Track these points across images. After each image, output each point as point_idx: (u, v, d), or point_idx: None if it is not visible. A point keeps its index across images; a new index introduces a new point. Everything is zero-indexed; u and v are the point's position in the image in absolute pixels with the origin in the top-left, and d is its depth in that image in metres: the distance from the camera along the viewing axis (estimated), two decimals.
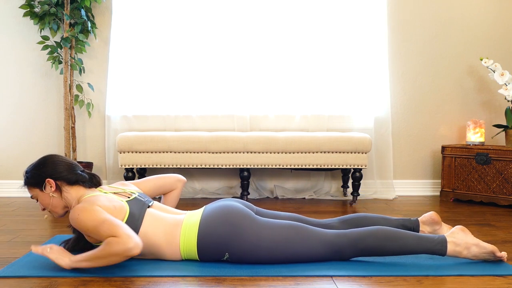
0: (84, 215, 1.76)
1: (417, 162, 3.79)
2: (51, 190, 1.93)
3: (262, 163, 3.23)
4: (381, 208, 3.19)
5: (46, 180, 1.92)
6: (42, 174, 1.94)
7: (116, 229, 1.69)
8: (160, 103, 3.62)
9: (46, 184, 1.93)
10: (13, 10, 3.59)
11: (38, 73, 3.64)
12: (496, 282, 1.71)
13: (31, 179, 1.95)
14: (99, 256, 1.71)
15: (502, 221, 2.79)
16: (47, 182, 1.92)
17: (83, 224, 1.75)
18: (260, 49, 3.62)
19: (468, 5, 3.74)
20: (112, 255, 1.69)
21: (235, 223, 1.84)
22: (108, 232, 1.70)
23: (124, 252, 1.67)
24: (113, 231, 1.69)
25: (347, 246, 1.85)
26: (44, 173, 1.94)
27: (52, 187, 1.93)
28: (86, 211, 1.77)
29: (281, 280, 1.72)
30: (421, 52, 3.74)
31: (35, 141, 3.67)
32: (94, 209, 1.77)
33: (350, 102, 3.67)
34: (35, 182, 1.94)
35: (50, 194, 1.93)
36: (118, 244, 1.66)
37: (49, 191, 1.93)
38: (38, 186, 1.94)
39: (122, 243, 1.66)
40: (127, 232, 1.69)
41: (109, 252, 1.68)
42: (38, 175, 1.94)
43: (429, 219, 2.12)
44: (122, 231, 1.69)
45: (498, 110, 3.77)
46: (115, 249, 1.67)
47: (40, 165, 1.96)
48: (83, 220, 1.75)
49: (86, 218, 1.75)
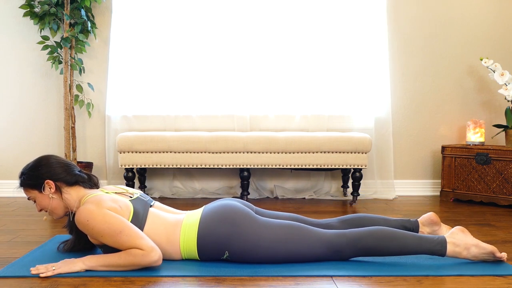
0: (96, 221, 1.74)
1: (417, 162, 3.79)
2: (51, 191, 1.90)
3: (262, 163, 3.23)
4: (381, 208, 3.19)
5: (45, 182, 1.89)
6: (40, 176, 1.90)
7: (138, 242, 1.73)
8: (160, 103, 3.62)
9: (45, 186, 1.89)
10: (13, 10, 3.59)
11: (38, 73, 3.64)
12: (496, 282, 1.71)
13: (28, 181, 1.91)
14: (121, 264, 1.74)
15: (502, 221, 2.79)
16: (46, 183, 1.89)
17: (96, 230, 1.75)
18: (260, 49, 3.62)
19: (468, 5, 3.74)
20: (135, 265, 1.74)
21: (235, 222, 1.84)
22: (129, 244, 1.73)
23: (149, 264, 1.74)
24: (135, 243, 1.73)
25: (347, 246, 1.85)
26: (42, 175, 1.90)
27: (51, 188, 1.90)
28: (97, 216, 1.75)
29: (281, 280, 1.72)
30: (421, 52, 3.74)
31: (35, 141, 3.67)
32: (105, 214, 1.76)
33: (350, 102, 3.67)
34: (33, 183, 1.90)
35: (50, 195, 1.90)
36: (143, 257, 1.72)
37: (48, 192, 1.90)
38: (37, 188, 1.90)
39: (147, 256, 1.72)
40: (150, 245, 1.73)
41: (133, 263, 1.73)
42: (36, 177, 1.90)
43: (428, 219, 2.12)
44: (145, 243, 1.73)
45: (498, 110, 3.77)
46: (140, 261, 1.73)
47: (37, 166, 1.91)
48: (95, 226, 1.74)
49: (98, 224, 1.74)
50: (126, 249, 1.74)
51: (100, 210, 1.77)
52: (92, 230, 1.76)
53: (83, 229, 1.79)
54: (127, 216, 1.83)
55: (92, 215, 1.75)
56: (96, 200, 1.82)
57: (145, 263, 1.73)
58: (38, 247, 2.12)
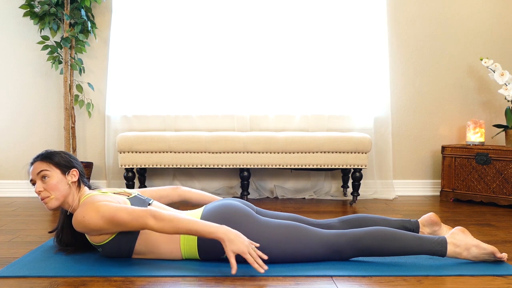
0: (89, 215, 1.77)
1: (417, 162, 3.79)
2: (72, 178, 1.93)
3: (262, 163, 3.23)
4: (381, 208, 3.19)
5: (73, 169, 1.94)
6: (72, 162, 1.96)
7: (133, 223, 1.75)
8: (160, 103, 3.62)
9: (72, 173, 1.94)
10: (13, 10, 3.59)
11: (38, 73, 3.64)
12: (496, 282, 1.71)
13: (60, 159, 1.93)
14: None
15: (502, 221, 2.79)
16: (73, 171, 1.94)
17: (93, 224, 1.77)
18: (260, 49, 3.62)
19: (468, 5, 3.74)
20: None
21: (235, 221, 1.84)
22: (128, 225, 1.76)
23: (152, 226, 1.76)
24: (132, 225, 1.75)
25: (347, 246, 1.85)
26: (74, 162, 1.97)
27: (75, 176, 1.94)
28: (90, 210, 1.78)
29: (281, 280, 1.72)
30: (421, 52, 3.74)
31: (35, 141, 3.67)
32: (97, 206, 1.78)
33: (350, 102, 3.67)
34: (63, 164, 1.93)
35: (69, 182, 1.92)
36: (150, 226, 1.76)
37: (69, 179, 1.92)
38: (63, 169, 1.92)
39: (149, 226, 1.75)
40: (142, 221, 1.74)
41: None
42: (69, 161, 1.95)
43: (428, 220, 2.12)
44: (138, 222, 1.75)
45: (498, 110, 3.77)
46: None
47: (69, 154, 1.99)
48: (90, 220, 1.76)
49: (92, 217, 1.76)
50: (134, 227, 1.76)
51: (92, 205, 1.80)
52: (89, 225, 1.77)
53: (82, 228, 1.80)
54: None
55: (86, 212, 1.78)
56: (89, 199, 1.85)
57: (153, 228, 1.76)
58: (38, 247, 2.12)
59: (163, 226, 1.72)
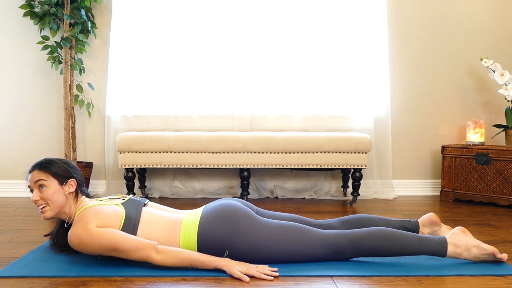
0: (87, 245, 1.76)
1: (417, 162, 3.79)
2: (69, 188, 1.91)
3: (262, 163, 3.23)
4: (381, 208, 3.19)
5: (71, 179, 1.92)
6: (70, 172, 1.93)
7: (135, 255, 1.76)
8: (160, 103, 3.62)
9: (70, 183, 1.92)
10: (13, 10, 3.59)
11: (38, 73, 3.64)
12: (496, 282, 1.71)
13: (58, 169, 1.91)
14: None
15: (502, 221, 2.79)
16: (71, 181, 1.92)
17: (90, 251, 1.78)
18: (260, 49, 3.62)
19: (468, 5, 3.74)
20: None
21: (235, 221, 1.84)
22: (128, 257, 1.77)
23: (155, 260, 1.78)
24: (132, 256, 1.77)
25: (347, 247, 1.85)
26: (72, 172, 1.94)
27: (72, 186, 1.92)
28: (86, 239, 1.76)
29: (281, 280, 1.72)
30: (421, 52, 3.74)
31: (35, 141, 3.67)
32: (92, 234, 1.76)
33: (350, 102, 3.67)
34: (61, 174, 1.91)
35: (66, 192, 1.90)
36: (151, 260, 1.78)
37: (67, 189, 1.91)
38: (60, 179, 1.90)
39: (151, 260, 1.77)
40: (144, 254, 1.76)
41: None
42: (66, 170, 1.93)
43: (428, 220, 2.12)
44: (139, 255, 1.76)
45: (498, 110, 3.77)
46: None
47: (69, 163, 1.95)
48: (88, 249, 1.77)
49: (89, 247, 1.77)
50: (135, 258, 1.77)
51: (87, 232, 1.76)
52: (87, 251, 1.79)
53: (78, 250, 1.81)
54: (118, 223, 1.82)
55: (82, 240, 1.76)
56: (83, 217, 1.81)
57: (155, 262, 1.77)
58: (38, 247, 2.12)
59: (165, 259, 1.74)
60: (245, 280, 1.69)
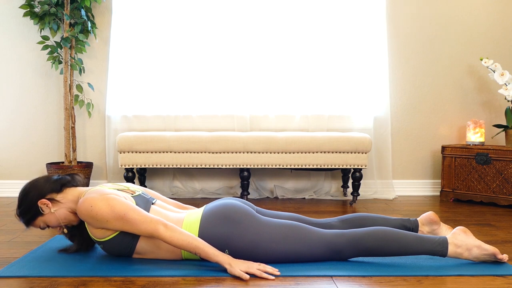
0: (99, 207, 1.76)
1: (417, 162, 3.79)
2: (49, 208, 1.89)
3: (262, 163, 3.23)
4: (381, 208, 3.19)
5: (38, 203, 1.88)
6: (31, 203, 1.88)
7: (142, 227, 1.76)
8: (160, 103, 3.62)
9: (41, 207, 1.88)
10: (13, 10, 3.59)
11: (38, 73, 3.64)
12: (496, 282, 1.71)
13: (27, 216, 1.89)
14: None
15: (502, 221, 2.79)
16: (40, 203, 1.88)
17: (100, 215, 1.76)
18: (260, 49, 3.62)
19: (468, 5, 3.74)
20: None
21: (236, 220, 1.84)
22: (133, 229, 1.77)
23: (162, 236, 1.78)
24: (138, 229, 1.77)
25: (346, 246, 1.85)
26: (31, 200, 1.88)
27: (48, 205, 1.89)
28: (100, 201, 1.77)
29: (281, 280, 1.72)
30: (421, 52, 3.74)
31: (35, 141, 3.67)
32: (108, 198, 1.78)
33: (350, 102, 3.67)
34: (31, 214, 1.89)
35: (52, 210, 1.89)
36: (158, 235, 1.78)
37: (48, 210, 1.89)
38: (38, 215, 1.89)
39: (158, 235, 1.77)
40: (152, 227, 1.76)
41: None
42: (28, 207, 1.88)
43: (427, 219, 2.11)
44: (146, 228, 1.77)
45: (498, 110, 3.77)
46: None
47: (23, 197, 1.89)
48: (99, 211, 1.76)
49: (101, 209, 1.76)
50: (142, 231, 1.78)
51: (102, 196, 1.80)
52: (96, 216, 1.77)
53: (86, 217, 1.79)
54: None
55: (94, 201, 1.77)
56: (97, 189, 1.86)
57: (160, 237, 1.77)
58: (38, 247, 2.12)
59: (172, 236, 1.74)
60: (244, 278, 1.69)
